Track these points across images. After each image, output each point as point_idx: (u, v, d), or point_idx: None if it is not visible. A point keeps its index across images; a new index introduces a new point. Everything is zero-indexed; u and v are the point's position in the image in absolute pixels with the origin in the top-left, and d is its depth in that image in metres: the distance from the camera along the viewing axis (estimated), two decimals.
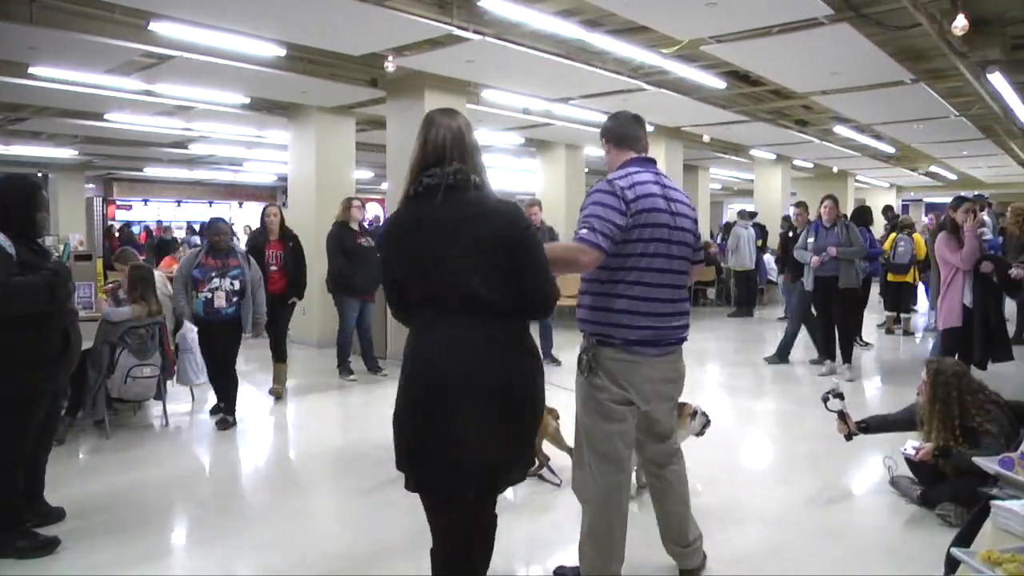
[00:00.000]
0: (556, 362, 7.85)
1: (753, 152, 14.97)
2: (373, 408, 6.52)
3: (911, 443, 3.87)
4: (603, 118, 11.26)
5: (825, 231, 7.06)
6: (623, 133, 2.92)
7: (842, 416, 4.12)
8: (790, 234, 8.88)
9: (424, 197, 2.20)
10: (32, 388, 3.35)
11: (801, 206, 9.13)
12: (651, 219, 2.68)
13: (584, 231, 2.61)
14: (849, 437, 4.13)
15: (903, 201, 24.89)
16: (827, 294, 6.99)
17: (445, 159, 2.20)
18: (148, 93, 8.55)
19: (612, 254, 2.63)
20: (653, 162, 2.90)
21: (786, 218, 10.09)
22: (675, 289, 2.77)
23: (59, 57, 6.85)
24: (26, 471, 3.52)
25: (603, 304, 2.71)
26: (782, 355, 7.91)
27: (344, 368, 7.30)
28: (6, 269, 3.19)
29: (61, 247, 6.16)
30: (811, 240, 7.11)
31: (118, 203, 20.88)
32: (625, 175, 2.74)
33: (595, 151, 14.25)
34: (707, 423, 4.00)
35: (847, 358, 7.08)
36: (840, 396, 4.11)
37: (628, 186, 2.69)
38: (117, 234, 17.48)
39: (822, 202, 7.18)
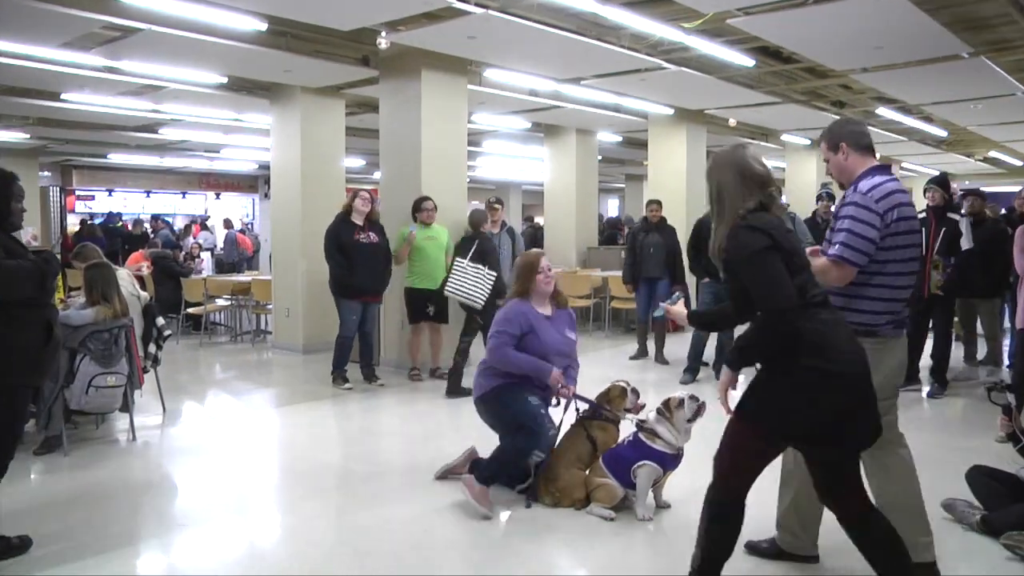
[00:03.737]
0: None
1: (785, 138, 14.92)
2: (368, 420, 6.54)
3: None
4: (618, 100, 11.26)
5: None
6: (866, 138, 3.33)
7: (1007, 411, 3.96)
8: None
9: None
10: (16, 377, 3.47)
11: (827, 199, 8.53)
12: (906, 227, 3.18)
13: (838, 247, 3.14)
14: (1012, 438, 3.97)
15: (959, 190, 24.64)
16: None
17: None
18: (111, 70, 8.53)
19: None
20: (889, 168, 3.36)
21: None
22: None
23: (7, 28, 6.81)
24: None
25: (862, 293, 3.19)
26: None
27: (339, 375, 7.32)
28: None
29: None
30: None
31: (78, 193, 20.85)
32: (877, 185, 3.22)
33: (608, 136, 14.27)
34: (700, 406, 4.07)
35: None
36: (1007, 388, 3.99)
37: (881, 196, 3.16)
38: (77, 228, 17.48)
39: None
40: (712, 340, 7.71)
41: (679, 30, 7.08)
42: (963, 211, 7.37)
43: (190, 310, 10.59)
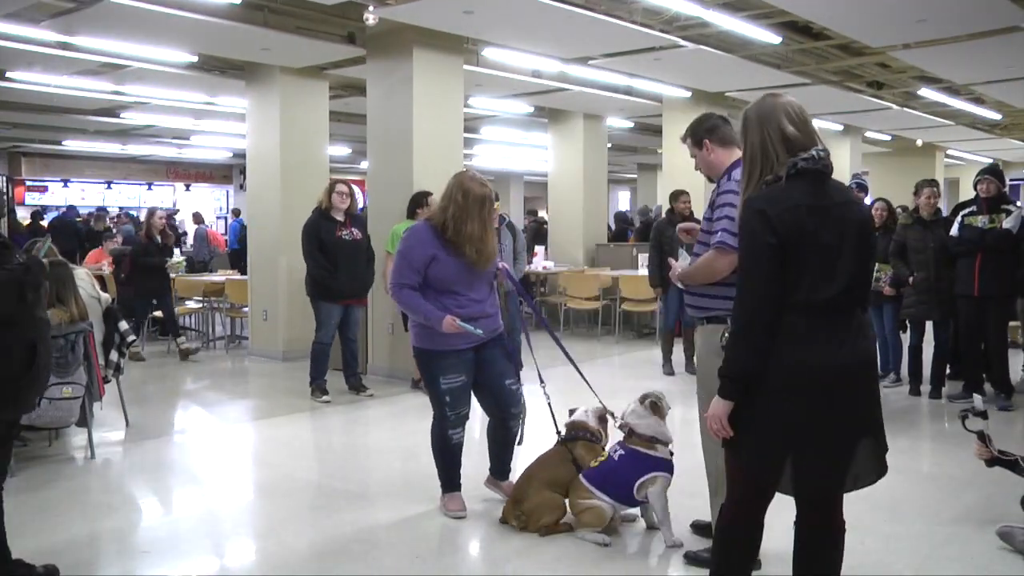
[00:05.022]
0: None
1: (815, 123, 14.72)
2: (354, 434, 6.55)
3: None
4: (630, 82, 11.26)
5: None
6: (728, 132, 3.72)
7: (982, 438, 4.08)
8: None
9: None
10: None
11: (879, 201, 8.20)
12: None
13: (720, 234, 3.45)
14: (992, 463, 4.09)
15: (1012, 180, 24.54)
16: None
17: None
18: (65, 46, 8.49)
19: None
20: None
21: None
22: None
23: None
24: None
25: None
26: None
27: (318, 387, 7.32)
28: None
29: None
30: None
31: (28, 183, 20.81)
32: None
33: (618, 122, 14.28)
34: (654, 399, 4.12)
35: None
36: (982, 415, 4.08)
37: None
38: (28, 221, 17.35)
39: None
40: None
41: (697, 3, 7.07)
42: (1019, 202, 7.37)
43: (157, 313, 10.57)
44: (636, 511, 4.27)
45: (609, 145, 14.31)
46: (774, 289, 2.54)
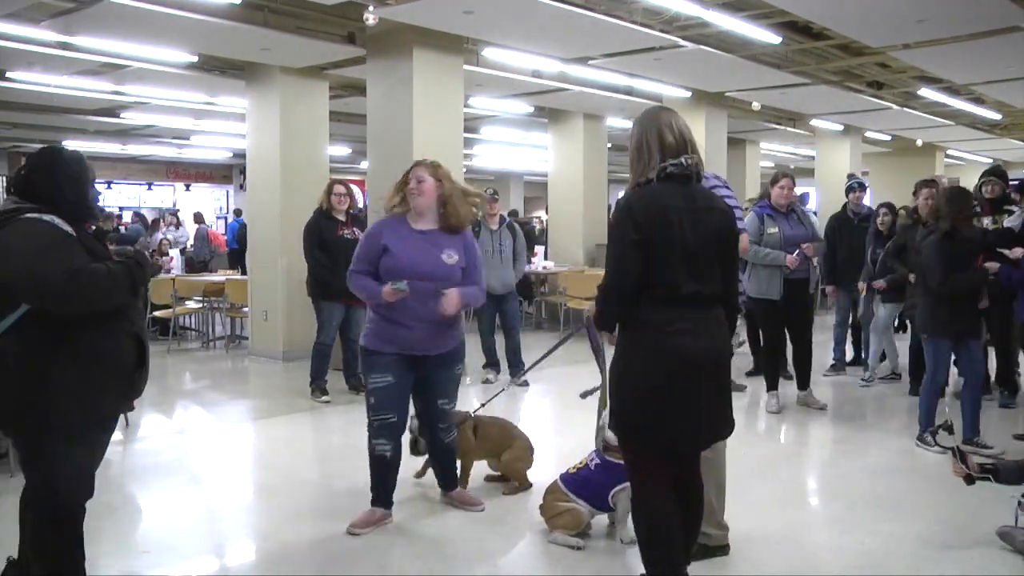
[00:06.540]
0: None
1: (815, 123, 14.91)
2: (354, 434, 6.49)
3: None
4: (630, 82, 11.25)
5: (784, 218, 6.68)
6: None
7: (956, 454, 4.00)
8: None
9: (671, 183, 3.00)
10: (107, 410, 3.20)
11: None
12: None
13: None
14: (971, 480, 3.98)
15: (1012, 180, 24.33)
16: (796, 303, 6.68)
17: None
18: (65, 46, 8.48)
19: None
20: None
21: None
22: None
23: None
24: None
25: None
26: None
27: (318, 387, 7.32)
28: (76, 255, 3.01)
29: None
30: (773, 231, 6.59)
31: None
32: None
33: (619, 122, 14.26)
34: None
35: (805, 384, 6.97)
36: (950, 430, 4.02)
37: None
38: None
39: (776, 181, 6.72)
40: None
41: (697, 3, 7.07)
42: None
43: (156, 313, 10.59)
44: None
45: (609, 145, 14.30)
46: (631, 276, 2.96)
